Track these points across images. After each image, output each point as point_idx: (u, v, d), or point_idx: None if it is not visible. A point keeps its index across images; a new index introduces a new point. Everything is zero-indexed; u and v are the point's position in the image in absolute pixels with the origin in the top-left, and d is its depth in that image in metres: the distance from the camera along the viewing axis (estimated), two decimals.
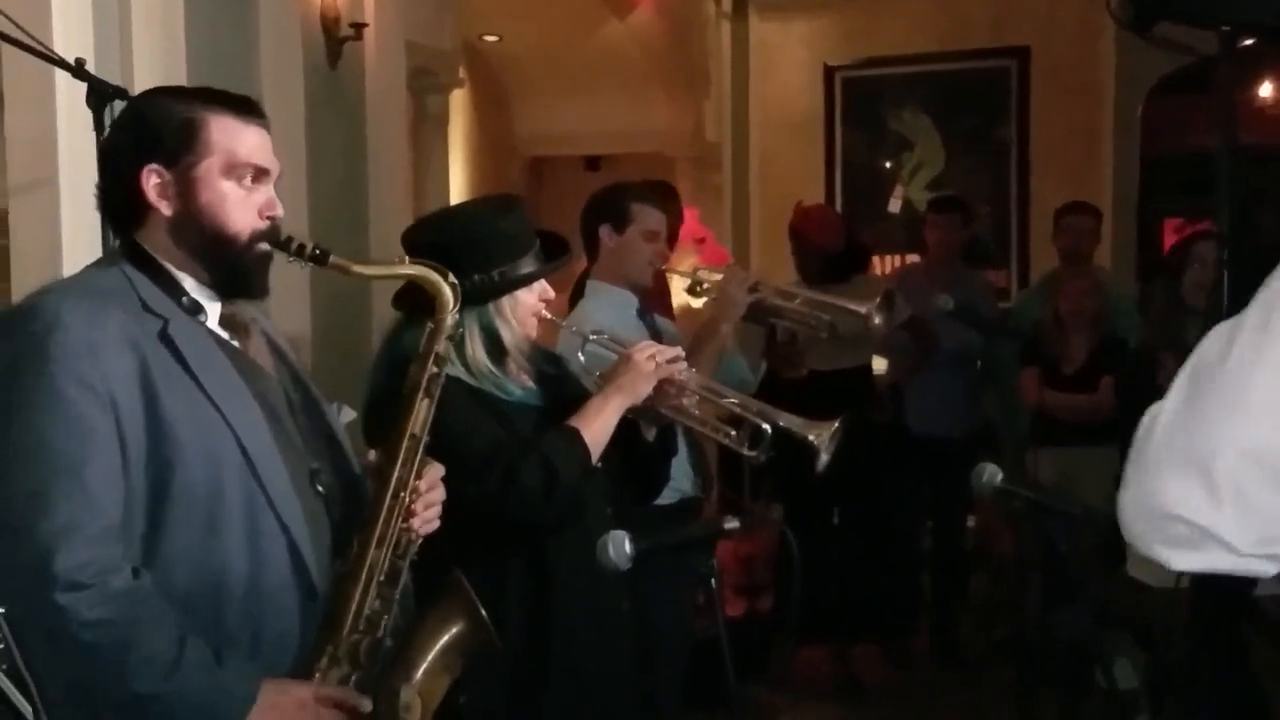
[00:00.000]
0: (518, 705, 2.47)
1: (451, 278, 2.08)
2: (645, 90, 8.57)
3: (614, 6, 7.87)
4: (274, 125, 4.43)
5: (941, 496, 5.62)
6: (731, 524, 2.30)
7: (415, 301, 2.53)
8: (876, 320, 3.55)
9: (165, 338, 1.86)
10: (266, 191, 1.98)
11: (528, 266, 2.57)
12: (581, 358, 2.81)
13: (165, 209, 1.93)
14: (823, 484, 2.91)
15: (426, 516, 2.03)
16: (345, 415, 2.13)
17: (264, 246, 1.96)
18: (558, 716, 2.49)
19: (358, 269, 2.04)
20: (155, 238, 1.95)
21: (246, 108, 1.99)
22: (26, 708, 1.22)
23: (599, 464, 2.55)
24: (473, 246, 2.51)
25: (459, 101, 7.32)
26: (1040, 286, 5.96)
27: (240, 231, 1.94)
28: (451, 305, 2.07)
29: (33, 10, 3.09)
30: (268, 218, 1.97)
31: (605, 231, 3.46)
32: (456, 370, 2.49)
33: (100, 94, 2.89)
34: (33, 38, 2.91)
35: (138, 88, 3.21)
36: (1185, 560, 1.21)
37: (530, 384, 2.64)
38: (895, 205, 8.11)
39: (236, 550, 1.85)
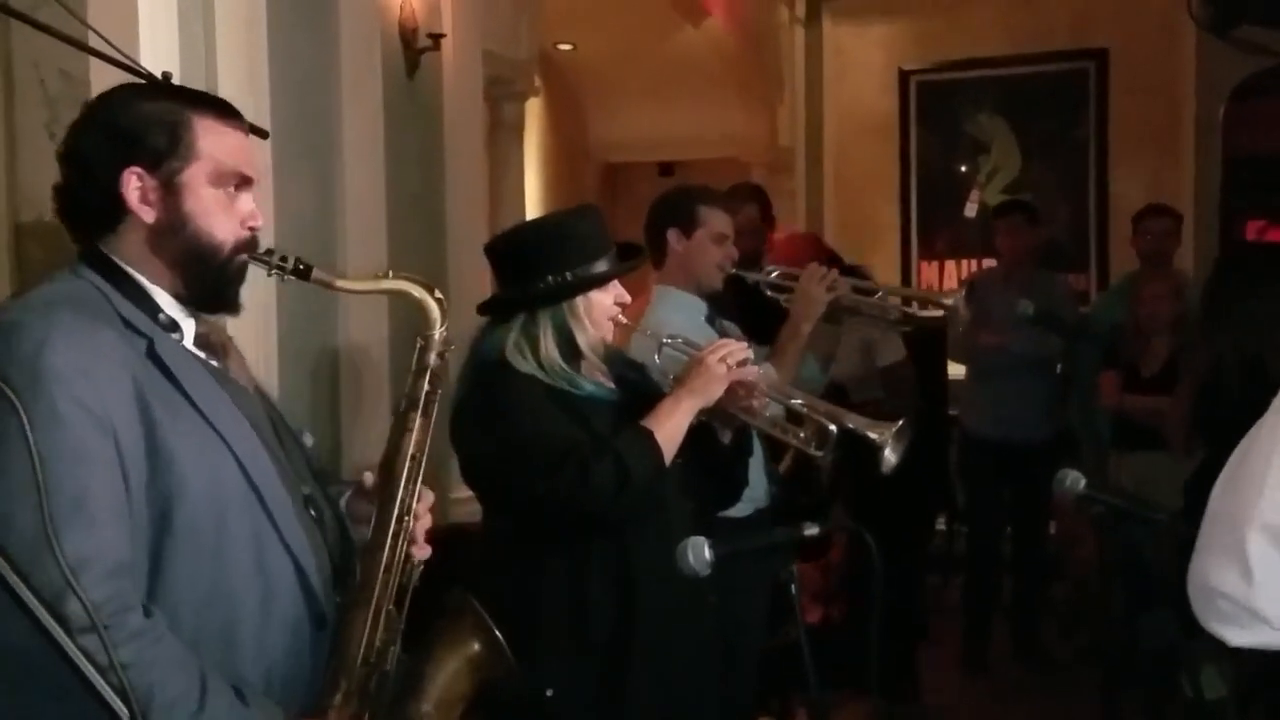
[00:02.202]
0: (602, 696, 2.49)
1: (438, 293, 1.99)
2: (719, 96, 8.59)
3: (687, 13, 7.90)
4: (353, 135, 4.52)
5: (1022, 502, 5.57)
6: (811, 530, 2.30)
7: (499, 308, 2.60)
8: (962, 311, 3.53)
9: (154, 357, 1.75)
10: (248, 200, 1.87)
11: (600, 268, 2.59)
12: (657, 361, 2.83)
13: (146, 215, 1.79)
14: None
15: (424, 544, 1.95)
16: (307, 440, 2.04)
17: (244, 258, 1.85)
18: (640, 707, 2.51)
19: (341, 284, 1.96)
20: (127, 246, 1.81)
21: (228, 110, 1.87)
22: (124, 710, 1.24)
23: (676, 462, 2.56)
24: (547, 248, 2.56)
25: (533, 109, 7.39)
26: (1119, 289, 5.89)
27: (224, 242, 1.83)
28: (438, 321, 1.98)
29: (120, 25, 3.17)
30: (249, 228, 1.86)
31: (673, 235, 3.45)
32: (530, 368, 2.54)
33: None
34: (121, 52, 2.99)
35: None
36: (1237, 637, 1.21)
37: (606, 382, 2.67)
38: (971, 210, 8.05)
39: (245, 581, 1.76)
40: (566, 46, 8.37)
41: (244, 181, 1.86)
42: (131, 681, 1.44)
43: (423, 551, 1.94)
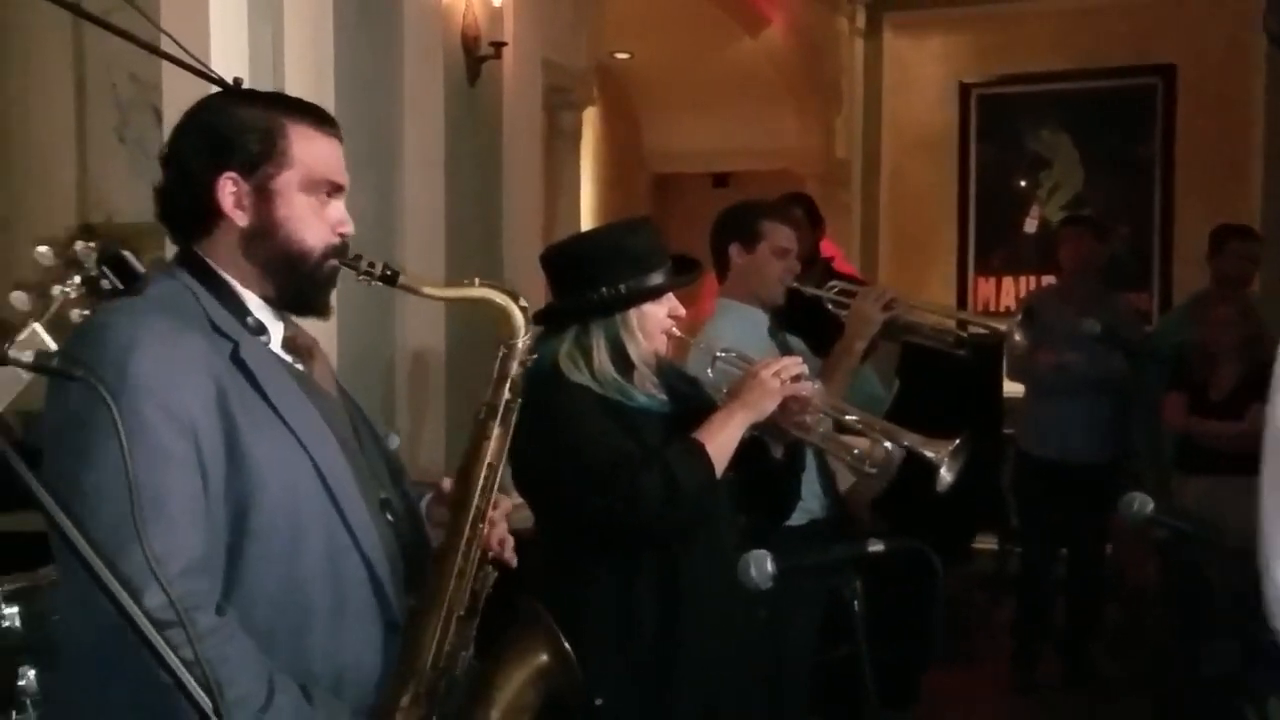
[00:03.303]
0: (649, 708, 2.48)
1: (523, 301, 1.99)
2: (775, 107, 8.57)
3: (745, 24, 7.90)
4: (415, 143, 4.56)
5: (1079, 523, 5.49)
6: (876, 546, 2.28)
7: (554, 317, 2.60)
8: (1017, 338, 3.50)
9: (238, 360, 1.76)
10: (339, 207, 1.88)
11: (655, 281, 2.59)
12: (710, 375, 2.83)
13: (240, 220, 1.82)
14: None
15: (502, 553, 1.96)
16: (392, 442, 2.08)
17: (334, 264, 1.87)
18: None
19: (427, 290, 1.96)
20: (221, 249, 1.84)
21: (323, 118, 1.89)
22: (207, 703, 1.26)
23: (727, 475, 2.56)
24: (602, 259, 2.56)
25: (588, 119, 7.41)
26: (1185, 309, 5.79)
27: (314, 248, 1.85)
28: (523, 329, 1.97)
29: (193, 31, 3.21)
30: (339, 234, 1.87)
31: (735, 249, 3.45)
32: (583, 378, 2.54)
33: None
34: (192, 56, 3.03)
35: None
36: None
37: (658, 394, 2.66)
38: (1031, 225, 7.98)
39: (318, 583, 1.77)
40: (623, 55, 8.39)
41: (335, 188, 1.87)
42: (206, 677, 1.50)
43: (506, 559, 1.97)
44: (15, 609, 2.63)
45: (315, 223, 1.84)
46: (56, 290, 1.34)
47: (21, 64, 4.25)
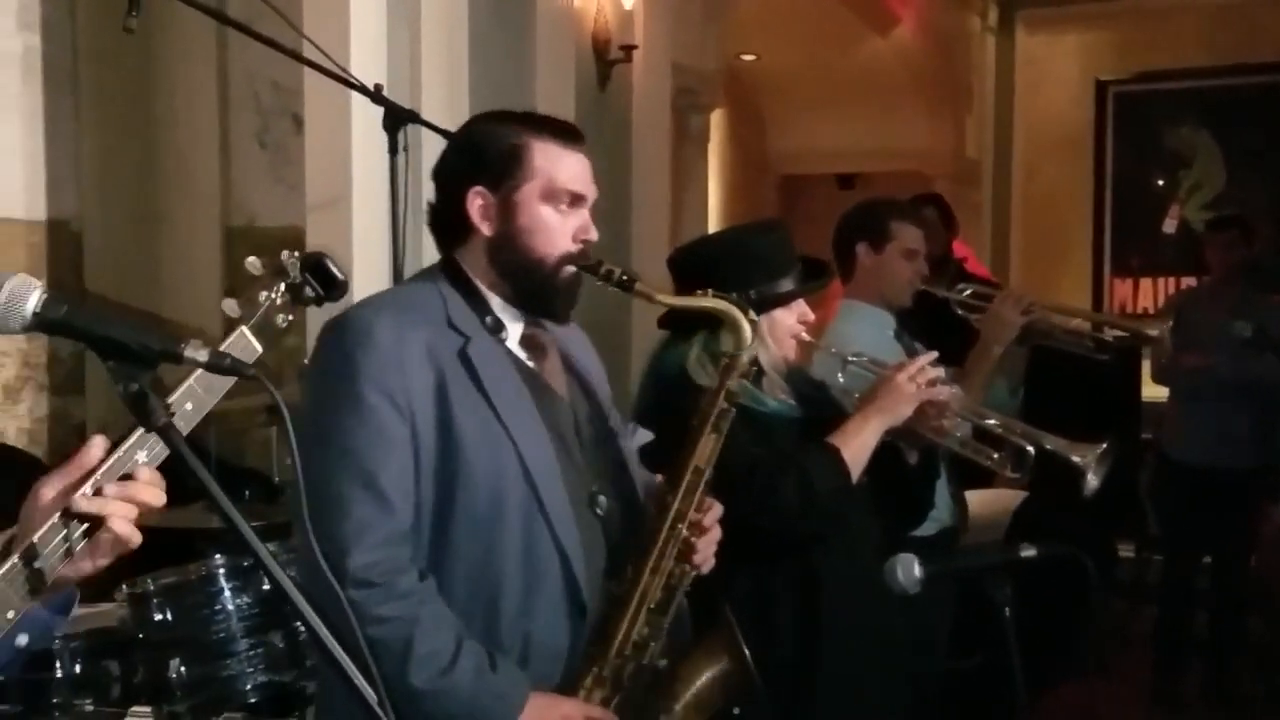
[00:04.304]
0: (788, 715, 2.47)
1: (753, 314, 2.09)
2: (903, 107, 8.47)
3: (875, 23, 7.82)
4: None
5: (1223, 531, 5.32)
6: (1028, 551, 2.23)
7: (681, 323, 2.59)
8: (1167, 344, 3.40)
9: (464, 356, 1.93)
10: (581, 216, 2.01)
11: (785, 286, 2.57)
12: (841, 379, 2.79)
13: (486, 229, 1.99)
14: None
15: (706, 555, 2.04)
16: (639, 437, 2.16)
17: (573, 270, 2.00)
18: None
19: (661, 298, 2.09)
20: (473, 256, 2.02)
21: (570, 134, 2.03)
22: (370, 694, 1.30)
23: (861, 481, 2.53)
24: (730, 266, 2.53)
25: (714, 121, 7.40)
26: None
27: (550, 254, 1.98)
28: (749, 341, 2.07)
29: (334, 39, 3.30)
30: (580, 241, 2.00)
31: (862, 249, 3.36)
32: (713, 384, 2.52)
33: (396, 117, 3.05)
34: (336, 64, 3.10)
35: (425, 112, 3.39)
36: None
37: (789, 399, 2.64)
38: (1170, 225, 7.76)
39: (512, 565, 1.91)
40: (750, 57, 8.37)
41: (577, 198, 2.00)
42: (394, 634, 1.79)
43: (707, 564, 2.05)
44: (166, 603, 2.72)
45: (555, 231, 1.99)
46: (263, 297, 1.42)
47: (168, 74, 4.40)
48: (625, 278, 2.00)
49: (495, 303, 2.01)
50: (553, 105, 4.48)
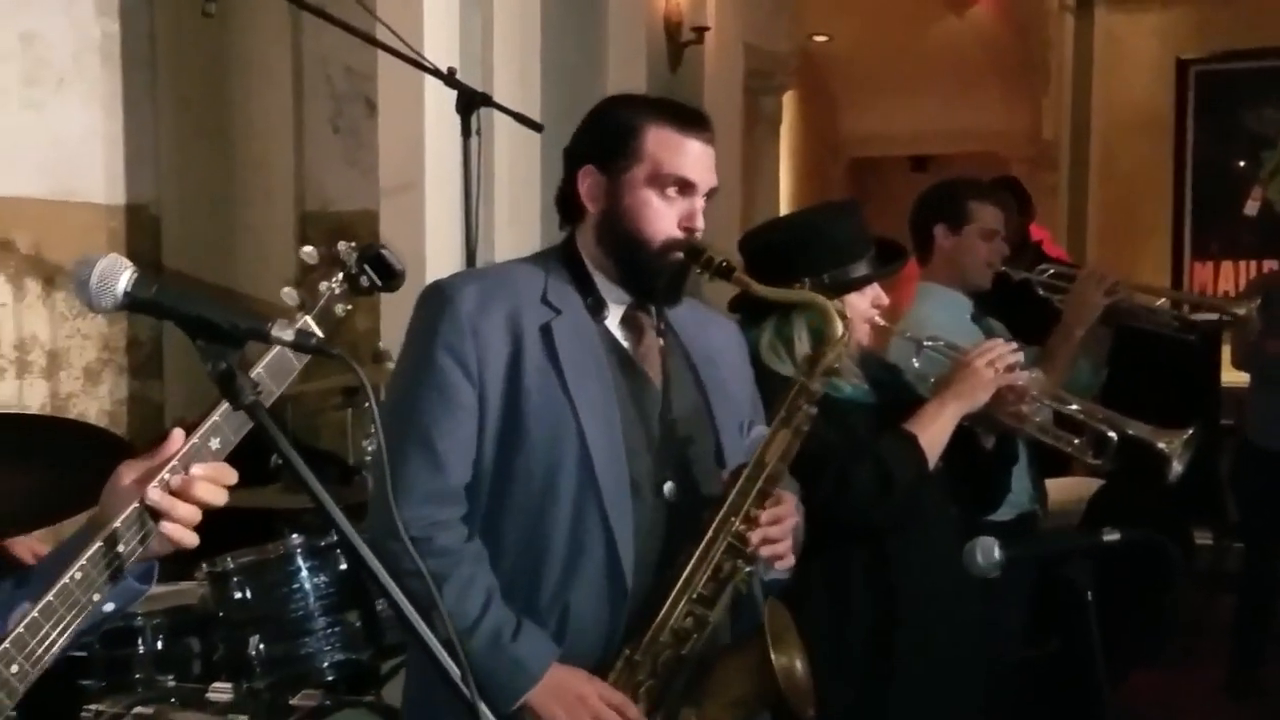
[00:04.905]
0: (863, 707, 2.45)
1: (845, 312, 2.10)
2: (978, 88, 8.36)
3: (951, 2, 7.72)
4: None
5: None
6: (1111, 536, 2.18)
7: (751, 307, 2.57)
8: (1254, 322, 3.32)
9: (545, 330, 1.97)
10: (690, 204, 2.01)
11: (860, 271, 2.53)
12: (916, 364, 2.76)
13: (593, 208, 2.02)
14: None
15: (767, 551, 1.99)
16: (756, 434, 2.12)
17: (678, 255, 2.00)
18: (904, 714, 2.46)
19: (759, 289, 2.07)
20: (584, 236, 2.06)
21: (691, 121, 2.03)
22: (454, 670, 1.31)
23: (938, 466, 2.50)
24: (803, 249, 2.50)
25: (785, 103, 7.35)
26: None
27: (653, 238, 1.99)
28: (836, 338, 2.04)
29: (408, 23, 3.31)
30: (685, 228, 2.00)
31: (940, 231, 3.32)
32: (786, 369, 2.50)
33: (469, 100, 3.06)
34: (410, 47, 3.12)
35: (497, 94, 3.39)
36: None
37: (862, 384, 2.61)
38: (1252, 208, 7.58)
39: (558, 538, 1.93)
40: (822, 38, 8.29)
41: (687, 185, 2.00)
42: (422, 589, 1.72)
43: (780, 561, 2.02)
44: (246, 582, 2.76)
45: (659, 215, 1.99)
46: (322, 286, 1.45)
47: (243, 59, 4.44)
48: (725, 265, 2.00)
49: (600, 282, 2.04)
50: (624, 87, 4.45)
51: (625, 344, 2.05)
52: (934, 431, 2.47)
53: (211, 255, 4.44)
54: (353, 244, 1.46)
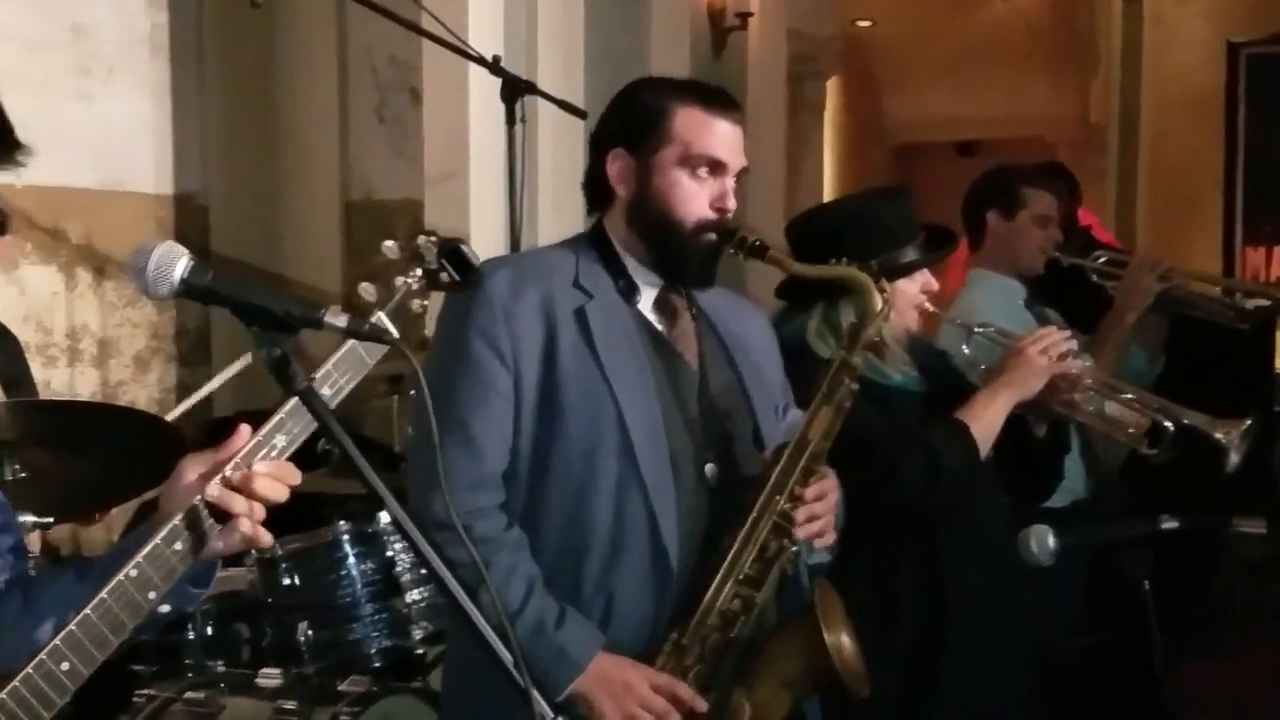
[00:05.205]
0: (911, 697, 2.43)
1: (884, 284, 2.05)
2: (1026, 72, 8.28)
3: None
4: None
5: None
6: (1170, 524, 2.15)
7: (799, 292, 2.55)
8: None
9: (580, 314, 1.95)
10: (721, 184, 1.99)
11: (908, 256, 2.51)
12: (966, 351, 2.73)
13: (623, 191, 2.01)
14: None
15: (811, 529, 1.98)
16: (792, 417, 2.11)
17: (710, 237, 1.98)
18: (951, 709, 2.44)
19: (794, 266, 2.07)
20: (614, 220, 2.04)
21: (718, 101, 2.01)
22: (507, 656, 1.30)
23: (988, 456, 2.47)
24: (851, 234, 2.45)
25: (828, 88, 7.30)
26: None
27: (685, 219, 1.98)
28: (879, 313, 2.03)
29: (452, 11, 3.31)
30: (717, 209, 1.98)
31: (993, 217, 3.31)
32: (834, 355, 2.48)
33: (513, 88, 3.06)
34: (455, 35, 3.12)
35: (541, 82, 3.38)
36: None
37: (912, 371, 2.59)
38: None
39: (601, 522, 1.91)
40: (866, 23, 8.23)
41: (718, 166, 1.98)
42: (464, 578, 1.67)
43: (819, 539, 1.99)
44: (295, 568, 2.78)
45: (690, 196, 1.97)
46: (399, 281, 1.43)
47: (289, 49, 4.47)
48: (758, 244, 1.98)
49: (631, 265, 2.02)
50: (667, 74, 4.44)
51: (659, 327, 2.04)
52: (986, 420, 2.44)
53: (258, 244, 4.48)
54: (432, 238, 1.44)
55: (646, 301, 2.04)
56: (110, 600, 1.27)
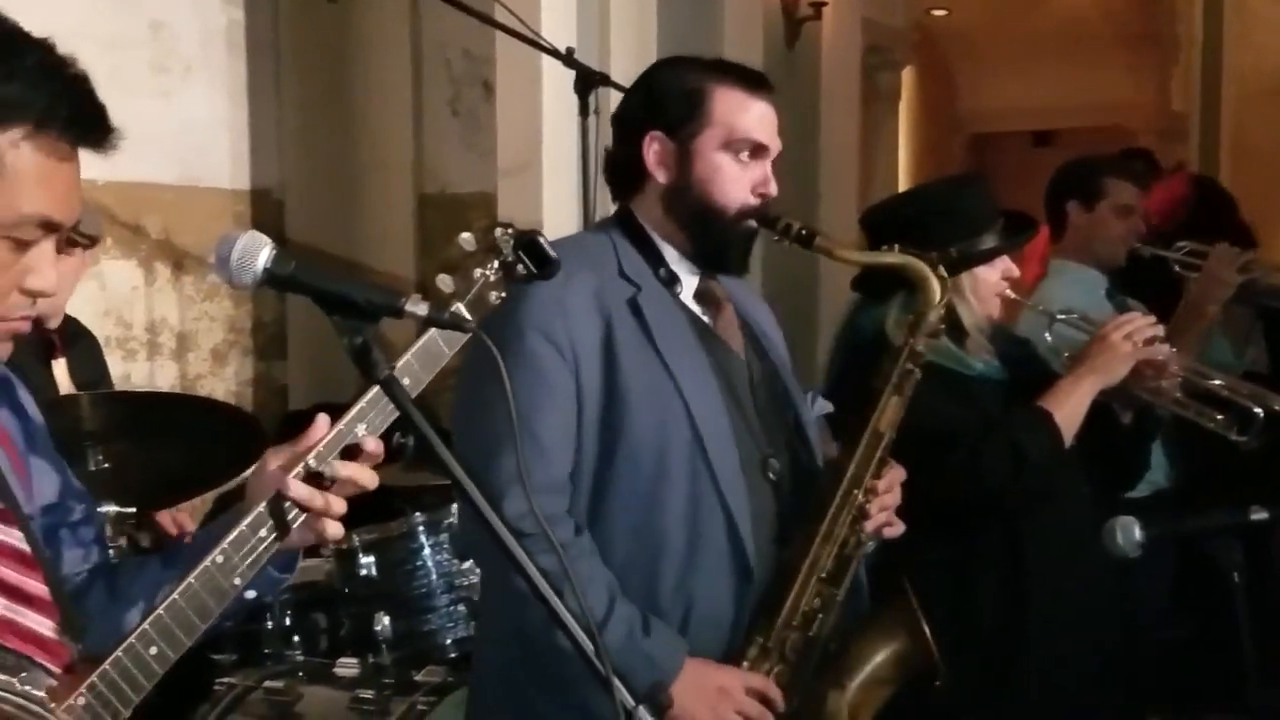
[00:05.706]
0: (991, 688, 2.39)
1: (941, 270, 2.00)
2: (1103, 60, 8.14)
3: None
4: None
5: None
6: (1259, 515, 2.09)
7: (875, 284, 2.51)
8: None
9: (634, 305, 1.88)
10: (762, 168, 1.93)
11: (988, 243, 2.47)
12: (1048, 338, 2.69)
13: (661, 177, 1.92)
14: None
15: (880, 520, 1.96)
16: (820, 407, 2.09)
17: (751, 224, 1.92)
18: (1032, 702, 2.39)
19: (842, 254, 2.01)
20: (647, 206, 1.95)
21: (755, 81, 1.94)
22: (588, 644, 1.29)
23: (1072, 444, 2.42)
24: (930, 222, 2.42)
25: (903, 79, 7.22)
26: None
27: (728, 205, 1.91)
28: (938, 299, 1.98)
29: (526, 4, 3.31)
30: (759, 195, 1.92)
31: (1073, 207, 3.28)
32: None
33: (587, 80, 3.05)
34: (528, 27, 3.12)
35: (615, 74, 3.37)
36: None
37: (993, 360, 2.55)
38: None
39: (675, 523, 1.85)
40: (940, 12, 8.14)
41: (759, 149, 1.92)
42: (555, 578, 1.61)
43: (887, 530, 1.97)
44: (371, 559, 2.80)
45: (732, 182, 1.90)
46: (477, 273, 1.42)
47: (364, 44, 4.50)
48: (804, 232, 1.92)
49: (670, 254, 1.95)
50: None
51: (705, 319, 1.97)
52: (1070, 407, 2.39)
53: (333, 238, 4.51)
54: (509, 230, 1.42)
55: (687, 291, 1.97)
56: (197, 585, 1.28)
